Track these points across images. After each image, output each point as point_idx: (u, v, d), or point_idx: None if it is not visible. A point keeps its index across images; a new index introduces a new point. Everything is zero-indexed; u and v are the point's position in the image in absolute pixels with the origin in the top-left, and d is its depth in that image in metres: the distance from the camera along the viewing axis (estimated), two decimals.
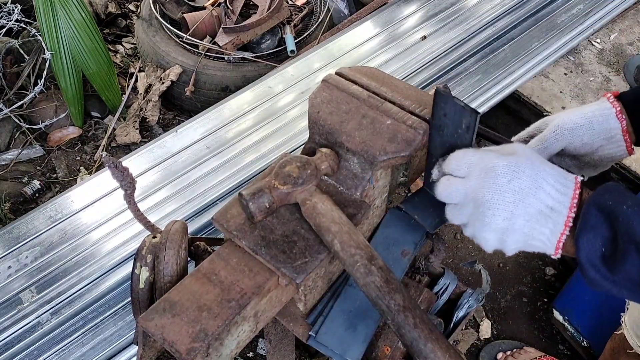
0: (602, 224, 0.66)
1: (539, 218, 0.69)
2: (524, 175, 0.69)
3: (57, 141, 2.32)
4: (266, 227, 0.79)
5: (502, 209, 0.69)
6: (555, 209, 0.69)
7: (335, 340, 0.85)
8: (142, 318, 0.70)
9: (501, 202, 0.69)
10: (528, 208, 0.69)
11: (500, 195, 0.69)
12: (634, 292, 0.66)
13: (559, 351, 1.89)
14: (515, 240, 0.71)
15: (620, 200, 0.66)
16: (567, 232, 0.69)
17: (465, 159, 0.73)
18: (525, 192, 0.69)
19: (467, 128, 0.75)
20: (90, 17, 2.25)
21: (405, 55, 2.02)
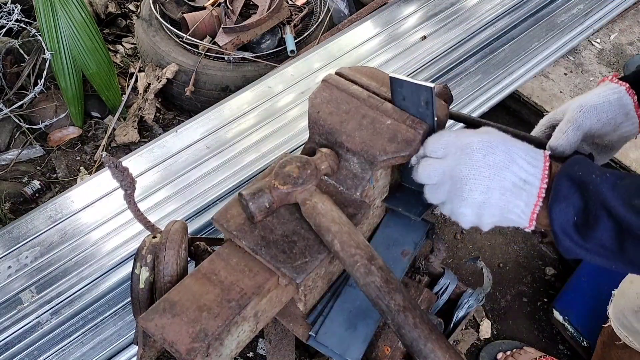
0: (573, 194, 0.68)
1: (514, 191, 0.72)
2: (498, 150, 0.72)
3: (57, 141, 2.32)
4: (266, 227, 0.79)
5: (478, 183, 0.72)
6: (528, 181, 0.71)
7: (335, 340, 0.85)
8: (142, 318, 0.70)
9: (477, 176, 0.72)
10: (503, 181, 0.72)
11: (477, 170, 0.72)
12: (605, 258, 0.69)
13: (559, 351, 1.89)
14: (492, 214, 0.74)
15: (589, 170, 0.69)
16: (540, 204, 0.71)
17: (441, 140, 0.76)
18: (499, 166, 0.71)
19: (426, 104, 0.79)
20: (90, 17, 2.25)
21: (405, 55, 2.02)
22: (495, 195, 0.72)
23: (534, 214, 0.72)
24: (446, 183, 0.75)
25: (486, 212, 0.73)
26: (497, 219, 0.74)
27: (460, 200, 0.74)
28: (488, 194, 0.72)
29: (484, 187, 0.72)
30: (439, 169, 0.75)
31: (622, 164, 1.93)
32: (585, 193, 0.68)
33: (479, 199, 0.73)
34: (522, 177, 0.71)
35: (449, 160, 0.74)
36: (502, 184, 0.71)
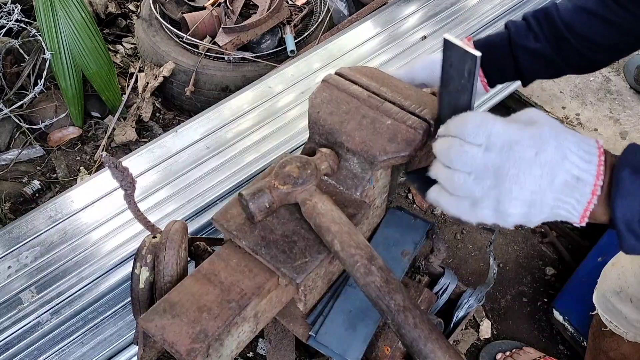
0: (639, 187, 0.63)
1: (564, 189, 0.67)
2: (549, 147, 0.66)
3: (57, 141, 2.32)
4: (266, 227, 0.79)
5: (530, 182, 0.67)
6: (582, 178, 0.66)
7: (335, 340, 0.85)
8: (142, 319, 0.70)
9: (529, 176, 0.66)
10: (555, 180, 0.66)
11: (528, 170, 0.66)
12: None
13: (559, 351, 1.89)
14: (541, 212, 0.68)
15: None
16: (594, 202, 0.67)
17: (485, 127, 0.68)
18: (552, 164, 0.66)
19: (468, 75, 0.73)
20: (90, 17, 2.25)
21: (405, 55, 2.02)
22: (547, 195, 0.67)
23: (586, 211, 0.68)
24: (487, 179, 0.68)
25: (536, 211, 0.68)
26: (546, 216, 0.70)
27: (509, 200, 0.68)
28: (539, 194, 0.67)
29: (536, 186, 0.67)
30: (480, 161, 0.68)
31: None
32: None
33: (529, 198, 0.68)
34: (575, 174, 0.66)
35: (493, 155, 0.67)
36: (554, 183, 0.67)
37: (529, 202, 0.68)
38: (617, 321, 1.33)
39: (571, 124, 2.05)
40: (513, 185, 0.67)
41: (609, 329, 1.36)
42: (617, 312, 1.31)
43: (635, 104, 2.14)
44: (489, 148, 0.68)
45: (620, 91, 2.19)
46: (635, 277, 1.26)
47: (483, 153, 0.68)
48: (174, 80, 2.30)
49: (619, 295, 1.29)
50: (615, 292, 1.30)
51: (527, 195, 0.67)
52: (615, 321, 1.33)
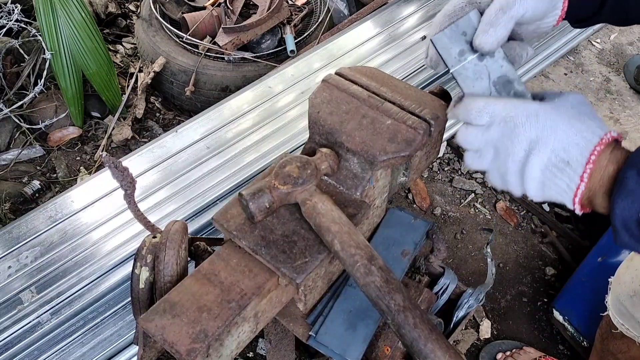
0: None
1: (554, 170, 0.70)
2: (544, 126, 0.70)
3: (57, 141, 2.32)
4: (266, 227, 0.79)
5: (518, 155, 0.71)
6: (571, 162, 0.69)
7: (335, 340, 0.85)
8: (142, 319, 0.70)
9: (518, 149, 0.71)
10: (542, 158, 0.70)
11: (518, 144, 0.71)
12: None
13: (559, 351, 1.89)
14: (535, 188, 0.73)
15: None
16: (582, 187, 0.69)
17: (488, 108, 0.73)
18: (540, 142, 0.70)
19: None
20: (90, 17, 2.25)
21: (405, 55, 2.02)
22: (534, 170, 0.71)
23: (576, 197, 0.70)
24: (489, 153, 0.75)
25: (528, 185, 0.73)
26: (541, 194, 0.73)
27: (505, 170, 0.74)
28: (527, 167, 0.71)
29: (524, 159, 0.71)
30: (482, 139, 0.74)
31: None
32: None
33: (520, 169, 0.72)
34: (564, 157, 0.69)
35: (492, 132, 0.73)
36: (541, 160, 0.70)
37: (520, 174, 0.73)
38: (630, 324, 1.32)
39: None
40: (507, 157, 0.72)
41: (620, 331, 1.36)
42: (630, 315, 1.31)
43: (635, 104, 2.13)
44: (489, 126, 0.73)
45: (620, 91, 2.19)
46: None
47: (484, 132, 0.73)
48: (174, 80, 2.30)
49: (633, 299, 1.29)
50: (629, 296, 1.30)
51: (517, 166, 0.72)
52: (628, 324, 1.33)
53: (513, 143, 0.71)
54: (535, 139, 0.70)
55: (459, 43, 0.76)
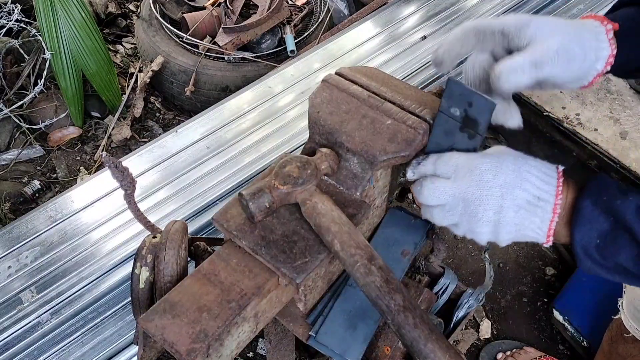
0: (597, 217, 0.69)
1: (528, 208, 0.72)
2: (508, 170, 0.73)
3: (57, 141, 2.32)
4: (266, 227, 0.79)
5: (491, 203, 0.73)
6: (542, 198, 0.72)
7: (335, 340, 0.85)
8: (142, 319, 0.70)
9: (490, 196, 0.73)
10: (516, 200, 0.72)
11: (488, 191, 0.73)
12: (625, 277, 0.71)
13: (559, 351, 1.89)
14: (508, 232, 0.74)
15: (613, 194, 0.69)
16: (556, 219, 0.72)
17: (451, 161, 0.76)
18: (511, 184, 0.72)
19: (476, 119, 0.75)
20: (90, 17, 2.25)
21: (405, 55, 2.02)
22: (509, 214, 0.73)
23: (550, 230, 0.73)
24: (458, 205, 0.76)
25: (502, 230, 0.74)
26: (514, 236, 0.75)
27: (476, 221, 0.75)
28: (502, 213, 0.73)
29: (497, 206, 0.73)
30: (449, 191, 0.75)
31: (622, 163, 1.93)
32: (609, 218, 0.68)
33: (494, 218, 0.73)
34: (536, 194, 0.72)
35: (458, 183, 0.75)
36: (515, 202, 0.72)
37: (493, 222, 0.74)
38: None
39: (571, 124, 2.05)
40: (478, 207, 0.74)
41: (632, 335, 1.36)
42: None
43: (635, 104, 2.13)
44: (455, 178, 0.75)
45: (620, 91, 2.19)
46: None
47: (451, 184, 0.75)
48: (174, 80, 2.30)
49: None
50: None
51: (491, 215, 0.73)
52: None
53: (483, 191, 0.73)
54: (504, 184, 0.72)
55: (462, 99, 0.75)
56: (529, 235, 0.74)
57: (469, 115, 0.76)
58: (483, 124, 0.75)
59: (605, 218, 0.69)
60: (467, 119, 0.76)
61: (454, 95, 0.76)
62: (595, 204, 0.69)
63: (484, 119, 0.75)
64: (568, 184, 0.74)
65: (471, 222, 0.75)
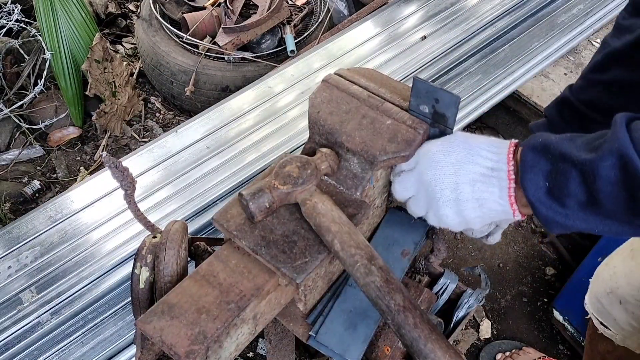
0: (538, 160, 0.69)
1: (484, 180, 0.74)
2: (458, 148, 0.75)
3: (57, 141, 2.32)
4: (266, 227, 0.79)
5: (447, 181, 0.75)
6: (495, 168, 0.73)
7: (335, 340, 0.85)
8: (140, 321, 0.70)
9: (443, 175, 0.75)
10: (469, 174, 0.74)
11: (440, 170, 0.75)
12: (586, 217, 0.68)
13: (559, 351, 1.89)
14: (471, 208, 0.75)
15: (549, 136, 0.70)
16: (513, 185, 0.72)
17: (415, 154, 0.80)
18: (462, 161, 0.74)
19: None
20: (90, 17, 2.25)
21: (405, 55, 2.02)
22: (466, 189, 0.74)
23: (511, 197, 0.73)
24: (421, 192, 0.78)
25: (464, 207, 0.75)
26: (479, 212, 0.76)
27: (437, 203, 0.77)
28: (459, 189, 0.74)
29: (452, 183, 0.74)
30: (411, 180, 0.79)
31: None
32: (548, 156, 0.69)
33: (452, 196, 0.75)
34: (488, 165, 0.74)
35: (415, 170, 0.78)
36: (469, 177, 0.74)
37: (453, 200, 0.75)
38: (608, 323, 1.32)
39: None
40: (435, 188, 0.76)
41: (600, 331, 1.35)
42: (607, 313, 1.30)
43: None
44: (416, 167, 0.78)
45: None
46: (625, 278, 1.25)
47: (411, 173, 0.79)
48: (174, 80, 2.30)
49: (609, 296, 1.28)
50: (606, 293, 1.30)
51: (448, 193, 0.75)
52: (606, 323, 1.32)
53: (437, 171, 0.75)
54: (456, 161, 0.74)
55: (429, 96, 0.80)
56: (494, 208, 0.74)
57: (437, 111, 0.79)
58: (452, 118, 0.79)
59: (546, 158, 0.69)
60: (436, 115, 0.80)
61: (420, 94, 0.79)
62: (534, 150, 0.70)
63: (451, 112, 0.78)
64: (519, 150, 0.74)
65: (433, 205, 0.77)
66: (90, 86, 2.21)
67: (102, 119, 2.29)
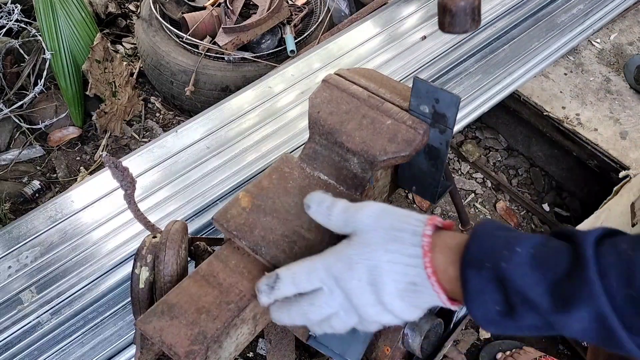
0: (486, 286, 0.60)
1: (411, 294, 0.65)
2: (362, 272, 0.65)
3: (57, 141, 2.32)
4: (266, 227, 0.79)
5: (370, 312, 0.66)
6: (417, 284, 0.63)
7: (335, 340, 0.85)
8: (140, 321, 0.70)
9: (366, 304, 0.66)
10: (392, 293, 0.64)
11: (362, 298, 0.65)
12: (539, 333, 0.62)
13: (559, 351, 1.89)
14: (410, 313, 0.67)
15: (496, 257, 0.59)
16: (442, 296, 0.64)
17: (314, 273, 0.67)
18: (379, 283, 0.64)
19: None
20: (90, 17, 2.25)
21: (405, 55, 2.02)
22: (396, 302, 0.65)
23: (448, 300, 0.64)
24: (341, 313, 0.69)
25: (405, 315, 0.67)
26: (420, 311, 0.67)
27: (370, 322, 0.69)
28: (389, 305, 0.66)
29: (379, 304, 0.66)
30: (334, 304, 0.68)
31: (622, 163, 1.93)
32: (499, 287, 0.59)
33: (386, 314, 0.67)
34: (408, 280, 0.64)
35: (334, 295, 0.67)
36: (395, 295, 0.65)
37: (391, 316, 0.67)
38: None
39: (571, 124, 2.05)
40: (371, 325, 0.68)
41: None
42: None
43: (635, 104, 2.13)
44: (330, 290, 0.67)
45: (620, 91, 2.19)
46: None
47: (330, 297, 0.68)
48: (174, 80, 2.30)
49: None
50: None
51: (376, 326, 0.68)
52: None
53: (360, 300, 0.65)
54: (369, 282, 0.64)
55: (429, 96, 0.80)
56: (432, 304, 0.66)
57: (437, 111, 0.79)
58: (452, 118, 0.78)
59: (495, 287, 0.59)
60: (436, 115, 0.80)
61: (421, 94, 0.79)
62: (479, 272, 0.59)
63: (451, 112, 0.78)
64: (442, 249, 0.64)
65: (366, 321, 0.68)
66: (90, 86, 2.21)
67: (102, 119, 2.29)
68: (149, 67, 2.39)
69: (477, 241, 0.61)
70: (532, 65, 2.09)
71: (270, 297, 0.69)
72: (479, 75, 2.03)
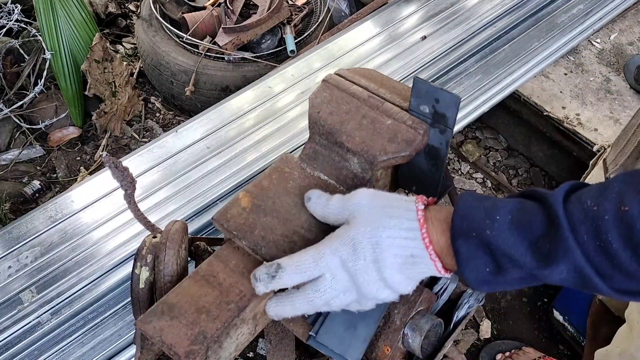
0: (475, 252, 0.65)
1: (410, 266, 0.68)
2: (367, 251, 0.68)
3: (57, 141, 2.32)
4: (266, 227, 0.79)
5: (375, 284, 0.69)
6: (415, 256, 0.68)
7: (335, 340, 0.85)
8: (140, 321, 0.70)
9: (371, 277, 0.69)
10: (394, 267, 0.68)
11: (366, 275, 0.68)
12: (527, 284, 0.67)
13: (559, 351, 1.89)
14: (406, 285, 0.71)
15: (480, 227, 0.64)
16: (439, 264, 0.68)
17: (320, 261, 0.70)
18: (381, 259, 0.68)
19: None
20: (90, 17, 2.25)
21: (405, 55, 2.02)
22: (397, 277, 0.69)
23: (441, 269, 0.69)
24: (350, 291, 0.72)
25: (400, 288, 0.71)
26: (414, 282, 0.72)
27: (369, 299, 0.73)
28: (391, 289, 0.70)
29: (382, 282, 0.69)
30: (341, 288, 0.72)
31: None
32: (486, 251, 0.65)
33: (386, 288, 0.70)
34: (407, 253, 0.68)
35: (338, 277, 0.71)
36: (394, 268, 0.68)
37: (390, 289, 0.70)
38: None
39: (571, 124, 2.05)
40: (368, 302, 0.73)
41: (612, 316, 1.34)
42: None
43: (635, 104, 2.13)
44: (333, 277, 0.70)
45: (620, 91, 2.19)
46: None
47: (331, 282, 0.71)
48: (174, 80, 2.30)
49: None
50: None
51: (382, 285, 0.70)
52: None
53: (364, 283, 0.69)
54: (373, 259, 0.68)
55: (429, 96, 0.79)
56: (427, 274, 0.71)
57: (437, 111, 0.79)
58: (452, 118, 0.78)
59: (483, 252, 0.65)
60: (436, 115, 0.80)
61: (421, 94, 0.79)
62: (467, 241, 0.65)
63: (451, 113, 0.77)
64: (434, 221, 0.69)
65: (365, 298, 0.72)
66: (89, 86, 2.21)
67: (102, 119, 2.29)
68: (149, 67, 2.39)
69: (462, 214, 0.67)
70: (532, 66, 2.09)
71: (268, 286, 0.70)
72: (479, 75, 2.03)
